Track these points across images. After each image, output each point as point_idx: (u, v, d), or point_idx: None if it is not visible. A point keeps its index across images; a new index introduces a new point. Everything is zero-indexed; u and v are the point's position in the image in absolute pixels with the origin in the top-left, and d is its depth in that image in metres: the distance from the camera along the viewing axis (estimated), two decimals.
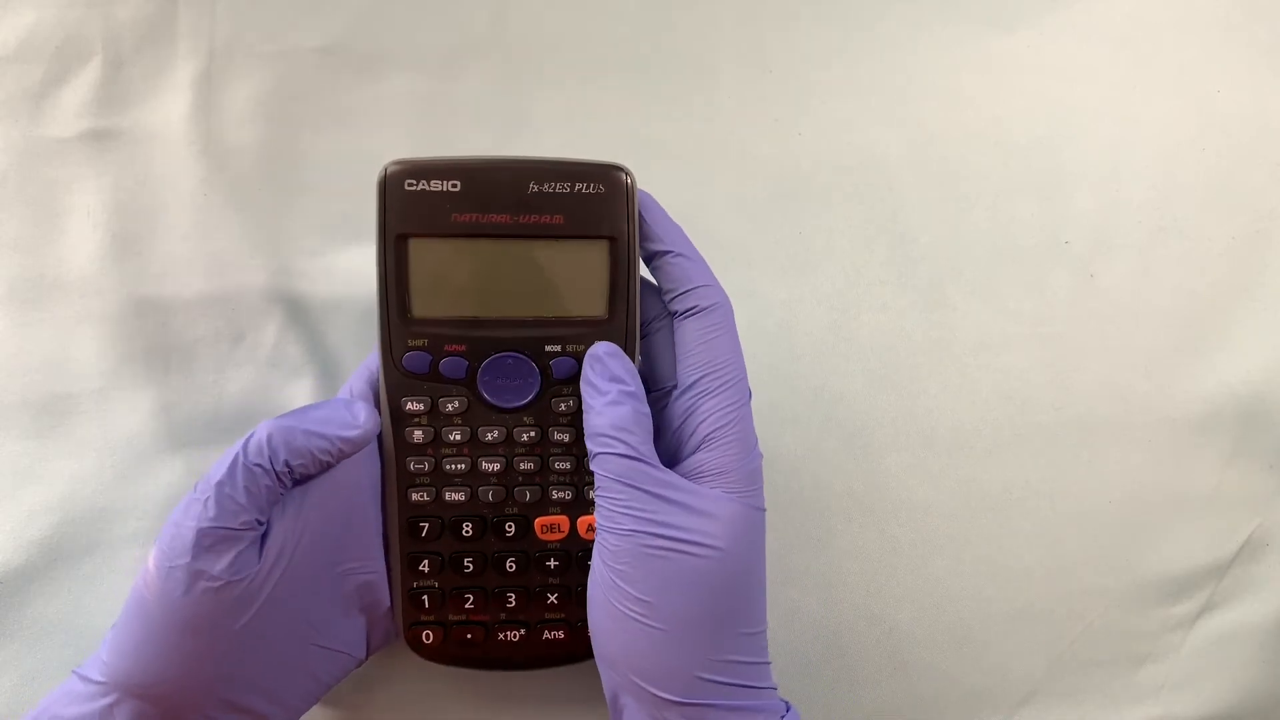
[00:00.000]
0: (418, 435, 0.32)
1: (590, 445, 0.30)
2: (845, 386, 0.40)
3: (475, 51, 0.40)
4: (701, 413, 0.30)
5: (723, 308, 0.32)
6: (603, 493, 0.29)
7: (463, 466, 0.32)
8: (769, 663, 0.30)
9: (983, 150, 0.41)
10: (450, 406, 0.32)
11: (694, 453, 0.30)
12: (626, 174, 0.31)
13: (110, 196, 0.38)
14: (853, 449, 0.40)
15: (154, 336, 0.38)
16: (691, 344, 0.31)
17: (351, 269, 0.38)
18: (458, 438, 0.32)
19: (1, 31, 0.38)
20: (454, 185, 0.30)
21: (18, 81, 0.38)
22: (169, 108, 0.38)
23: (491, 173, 0.31)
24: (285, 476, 0.29)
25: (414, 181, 0.30)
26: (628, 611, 0.28)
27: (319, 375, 0.38)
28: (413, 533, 0.32)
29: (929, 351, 0.40)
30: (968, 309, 0.41)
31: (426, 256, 0.31)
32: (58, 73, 0.38)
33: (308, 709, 0.32)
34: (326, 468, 0.30)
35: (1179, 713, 0.40)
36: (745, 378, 0.31)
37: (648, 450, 0.30)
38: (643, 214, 0.32)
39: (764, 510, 0.31)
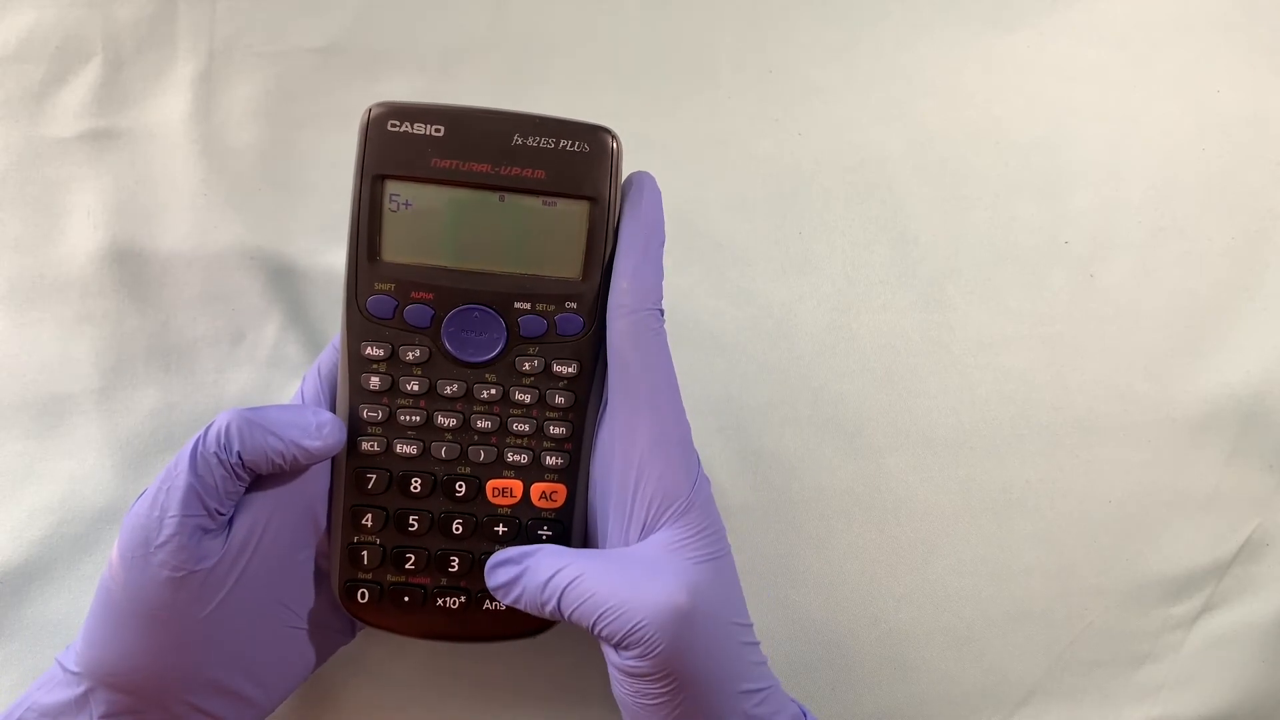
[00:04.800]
0: (374, 382, 0.31)
1: None
2: (845, 386, 0.40)
3: (475, 51, 0.40)
4: (645, 489, 0.30)
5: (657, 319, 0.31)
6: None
7: (417, 419, 0.31)
8: (767, 660, 0.31)
9: (983, 150, 0.41)
10: (411, 355, 0.31)
11: (658, 526, 0.30)
12: (613, 137, 0.31)
13: (110, 196, 0.38)
14: (853, 449, 0.40)
15: (154, 336, 0.38)
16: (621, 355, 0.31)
17: None
18: (415, 388, 0.31)
19: (1, 31, 0.38)
20: (437, 130, 0.30)
21: (18, 81, 0.38)
22: (169, 108, 0.38)
23: (476, 121, 0.30)
24: (239, 469, 0.29)
25: (397, 123, 0.30)
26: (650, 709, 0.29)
27: None
28: (359, 484, 0.31)
29: (929, 351, 0.40)
30: (968, 309, 0.41)
31: (401, 200, 0.30)
32: (58, 73, 0.38)
33: (295, 687, 0.32)
34: (280, 471, 0.30)
35: (1179, 713, 0.40)
36: (678, 400, 0.31)
37: None
38: (632, 191, 0.31)
39: (725, 533, 0.31)
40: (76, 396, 0.37)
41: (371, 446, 0.31)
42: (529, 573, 0.29)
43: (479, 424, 0.31)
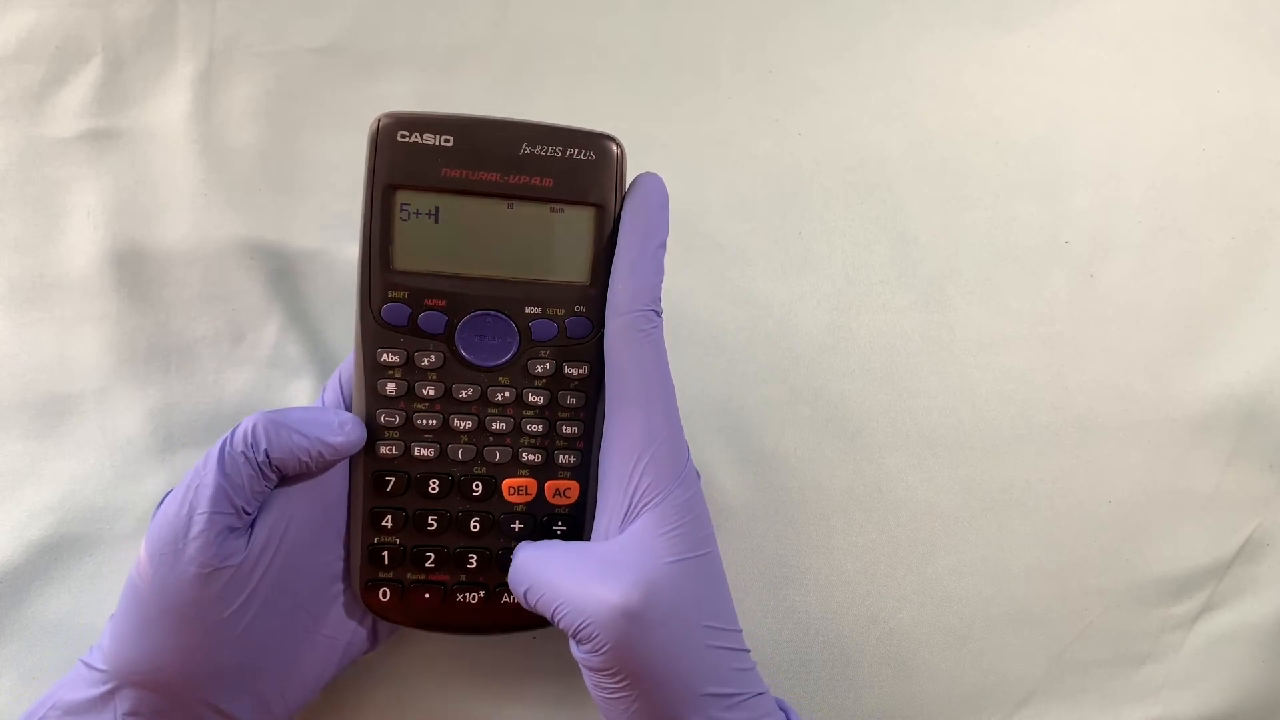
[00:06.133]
0: (390, 388, 0.32)
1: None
2: (845, 386, 0.40)
3: (475, 51, 0.40)
4: (636, 483, 0.30)
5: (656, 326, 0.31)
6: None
7: (434, 422, 0.32)
8: (754, 667, 0.31)
9: (983, 150, 0.41)
10: (426, 361, 0.32)
11: (635, 520, 0.30)
12: (617, 144, 0.31)
13: (110, 196, 0.38)
14: (853, 449, 0.40)
15: (154, 336, 0.38)
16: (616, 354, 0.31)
17: (351, 269, 0.38)
18: (431, 393, 0.32)
19: (1, 31, 0.38)
20: (446, 140, 0.30)
21: (18, 81, 0.38)
22: (169, 108, 0.38)
23: (484, 130, 0.31)
24: (266, 468, 0.30)
25: (406, 133, 0.30)
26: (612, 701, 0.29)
27: (319, 375, 0.38)
28: (378, 486, 0.32)
29: (929, 351, 0.40)
30: (968, 309, 0.41)
31: (412, 209, 0.31)
32: (58, 73, 0.38)
33: (314, 693, 0.32)
34: (306, 469, 0.31)
35: (1179, 713, 0.40)
36: (672, 396, 0.31)
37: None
38: (633, 193, 0.32)
39: (711, 534, 0.31)
40: (76, 396, 0.37)
41: (390, 450, 0.32)
42: (513, 566, 0.31)
43: (494, 426, 0.32)
